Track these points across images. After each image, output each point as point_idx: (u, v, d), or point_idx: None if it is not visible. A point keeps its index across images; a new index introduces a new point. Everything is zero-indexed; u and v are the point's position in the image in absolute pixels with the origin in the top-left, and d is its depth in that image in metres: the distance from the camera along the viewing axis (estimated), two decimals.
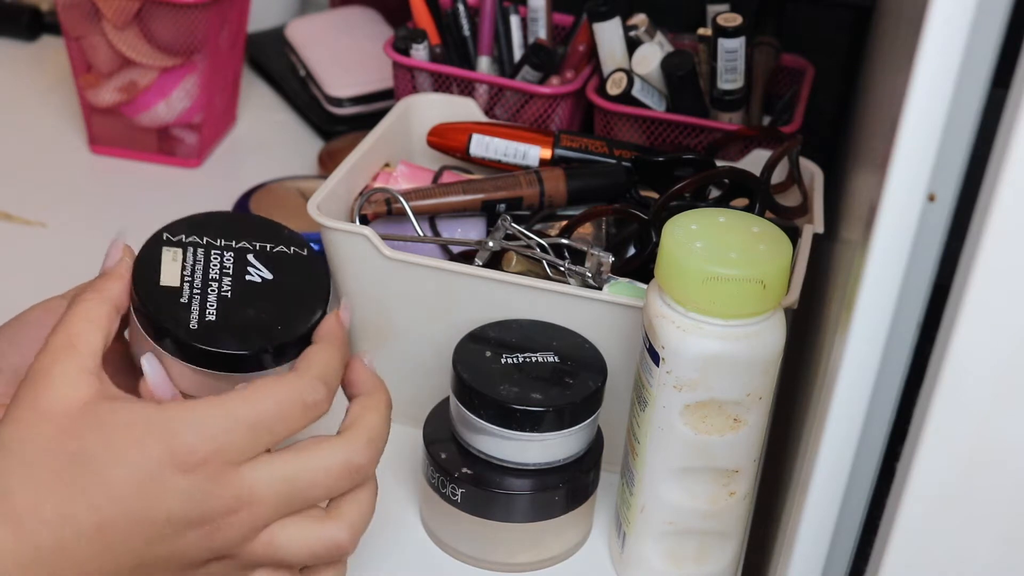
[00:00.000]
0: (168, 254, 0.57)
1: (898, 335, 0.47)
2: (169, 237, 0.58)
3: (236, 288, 0.57)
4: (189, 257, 0.57)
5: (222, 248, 0.59)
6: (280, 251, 0.60)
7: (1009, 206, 0.39)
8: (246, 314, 0.56)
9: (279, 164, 1.03)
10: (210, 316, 0.55)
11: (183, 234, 0.58)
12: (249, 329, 0.55)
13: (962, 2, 0.41)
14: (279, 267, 0.59)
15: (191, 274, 0.57)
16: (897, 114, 0.44)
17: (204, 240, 0.59)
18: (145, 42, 0.97)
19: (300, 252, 0.60)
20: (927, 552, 0.45)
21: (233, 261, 0.58)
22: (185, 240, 0.58)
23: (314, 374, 0.53)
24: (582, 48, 0.93)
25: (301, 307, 0.57)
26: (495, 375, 0.63)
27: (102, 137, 1.03)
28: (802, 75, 0.94)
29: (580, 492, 0.66)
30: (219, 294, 0.56)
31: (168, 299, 0.55)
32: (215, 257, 0.58)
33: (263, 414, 0.51)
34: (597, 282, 0.69)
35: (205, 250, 0.58)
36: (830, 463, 0.50)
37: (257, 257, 0.59)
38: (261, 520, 0.52)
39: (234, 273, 0.58)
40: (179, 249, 0.57)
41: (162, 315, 0.55)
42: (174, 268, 0.57)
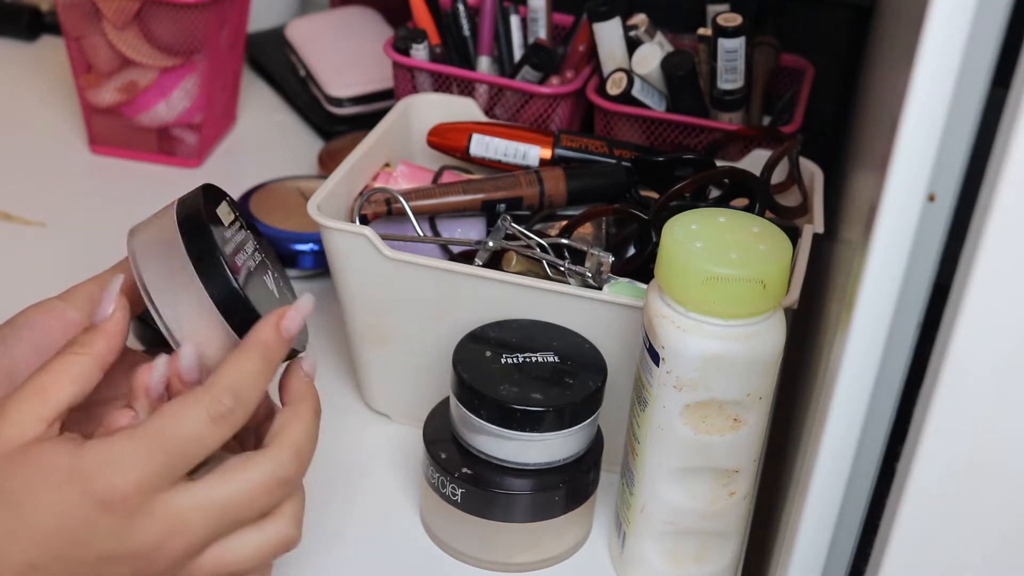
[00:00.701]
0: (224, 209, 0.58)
1: (898, 335, 0.47)
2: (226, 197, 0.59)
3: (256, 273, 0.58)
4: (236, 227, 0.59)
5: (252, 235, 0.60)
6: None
7: (1009, 206, 0.39)
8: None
9: (279, 164, 1.03)
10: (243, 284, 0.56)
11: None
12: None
13: (962, 2, 0.41)
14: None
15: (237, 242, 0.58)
16: (897, 114, 0.44)
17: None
18: (145, 42, 0.97)
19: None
20: (927, 552, 0.45)
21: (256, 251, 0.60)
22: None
23: (223, 385, 0.53)
24: (582, 48, 0.93)
25: None
26: (495, 375, 0.63)
27: (102, 137, 1.03)
28: (802, 75, 0.94)
29: (580, 492, 0.66)
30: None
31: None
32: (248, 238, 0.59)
33: (174, 439, 0.51)
34: (597, 282, 0.69)
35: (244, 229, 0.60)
36: (830, 463, 0.50)
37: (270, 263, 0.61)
38: (196, 546, 0.52)
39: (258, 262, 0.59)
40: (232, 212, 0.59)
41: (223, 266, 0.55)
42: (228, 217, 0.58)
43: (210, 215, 0.57)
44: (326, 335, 0.82)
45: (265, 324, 0.55)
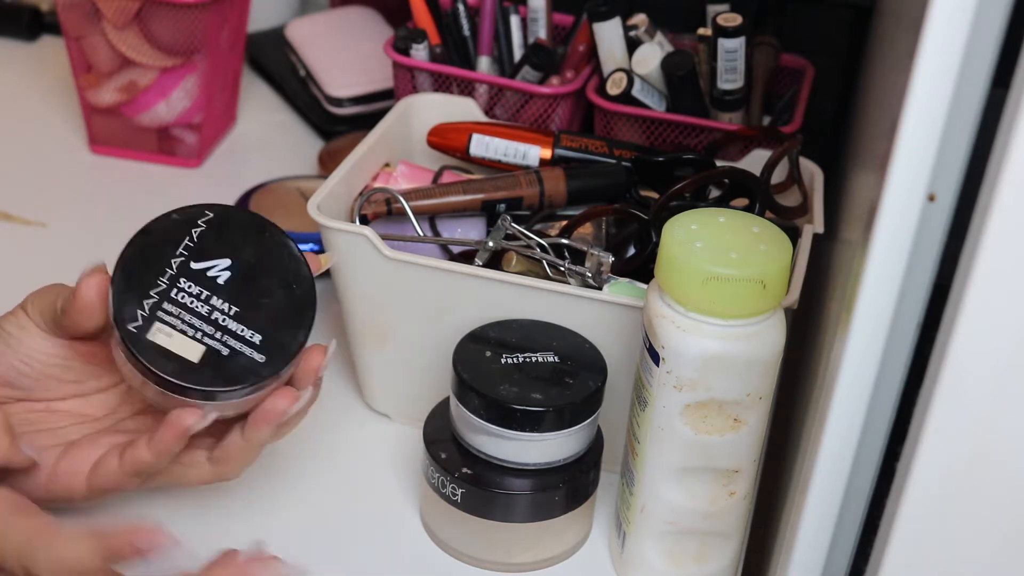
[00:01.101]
0: (161, 335, 0.56)
1: (898, 335, 0.47)
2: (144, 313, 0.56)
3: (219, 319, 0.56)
4: (173, 321, 0.56)
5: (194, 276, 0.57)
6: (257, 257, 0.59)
7: (1009, 206, 0.39)
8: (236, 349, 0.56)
9: (279, 164, 1.03)
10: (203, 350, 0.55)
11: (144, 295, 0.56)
12: (238, 366, 0.55)
13: (962, 2, 0.41)
14: (258, 277, 0.58)
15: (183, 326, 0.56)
16: (897, 114, 0.44)
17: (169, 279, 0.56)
18: (145, 42, 0.97)
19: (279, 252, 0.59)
20: (927, 552, 0.45)
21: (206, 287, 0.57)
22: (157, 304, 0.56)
23: None
24: (582, 48, 0.93)
25: (284, 329, 0.57)
26: (495, 375, 0.63)
27: (102, 137, 1.03)
28: (802, 75, 0.94)
29: (580, 492, 0.66)
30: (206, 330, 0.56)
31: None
32: (188, 294, 0.56)
33: None
34: (597, 282, 0.69)
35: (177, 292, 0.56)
36: (830, 463, 0.50)
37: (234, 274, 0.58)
38: None
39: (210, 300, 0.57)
40: (165, 325, 0.56)
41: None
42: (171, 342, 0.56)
43: (148, 252, 0.56)
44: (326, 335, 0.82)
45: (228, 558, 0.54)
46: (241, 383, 0.55)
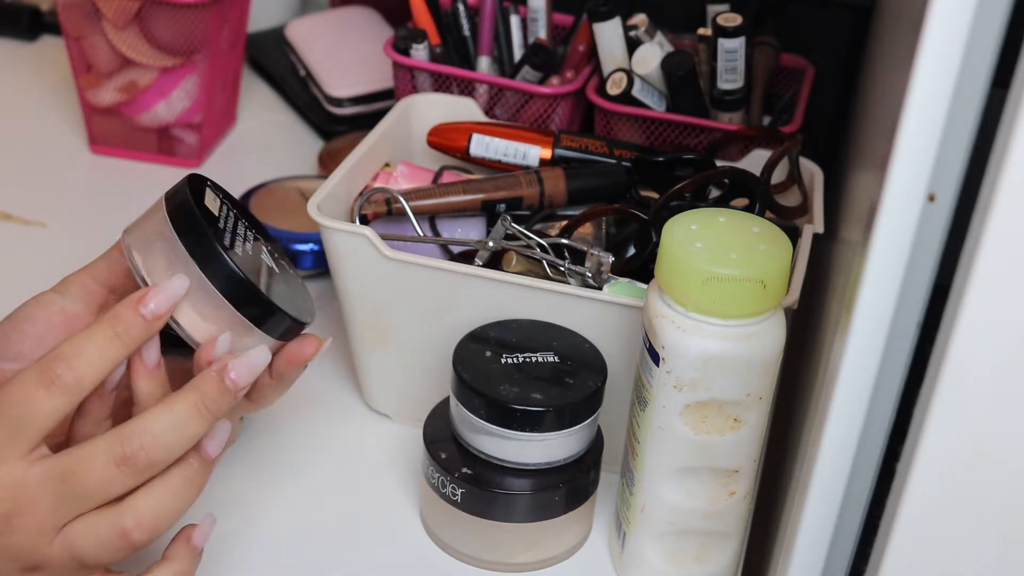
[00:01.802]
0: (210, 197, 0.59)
1: (898, 335, 0.47)
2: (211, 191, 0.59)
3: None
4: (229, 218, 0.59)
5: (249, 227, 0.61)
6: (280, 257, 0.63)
7: (1009, 206, 0.39)
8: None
9: (279, 164, 1.03)
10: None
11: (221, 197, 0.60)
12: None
13: (962, 2, 0.41)
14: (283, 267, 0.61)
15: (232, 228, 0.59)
16: (897, 114, 0.44)
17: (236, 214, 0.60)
18: (145, 42, 0.97)
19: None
20: (927, 552, 0.45)
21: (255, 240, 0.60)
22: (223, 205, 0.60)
23: (54, 353, 0.53)
24: (582, 48, 0.93)
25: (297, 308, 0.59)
26: (495, 375, 0.63)
27: (102, 137, 1.03)
28: (802, 75, 0.94)
29: (580, 492, 0.66)
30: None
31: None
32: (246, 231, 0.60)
33: (8, 408, 0.52)
34: (597, 282, 0.69)
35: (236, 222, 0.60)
36: (830, 463, 0.50)
37: (272, 250, 0.62)
38: (46, 521, 0.53)
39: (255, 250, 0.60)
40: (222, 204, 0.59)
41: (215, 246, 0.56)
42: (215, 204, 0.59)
43: (198, 204, 0.57)
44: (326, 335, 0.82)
45: (122, 305, 0.54)
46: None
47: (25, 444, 0.52)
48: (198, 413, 0.54)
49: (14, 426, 0.52)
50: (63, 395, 0.53)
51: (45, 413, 0.52)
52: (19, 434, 0.52)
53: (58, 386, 0.52)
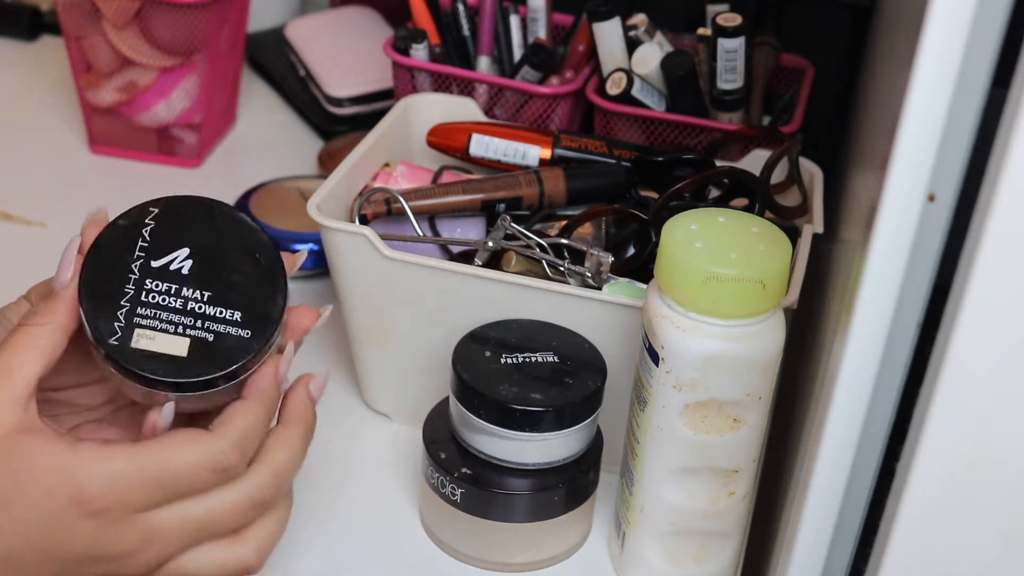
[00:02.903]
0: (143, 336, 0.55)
1: (898, 335, 0.47)
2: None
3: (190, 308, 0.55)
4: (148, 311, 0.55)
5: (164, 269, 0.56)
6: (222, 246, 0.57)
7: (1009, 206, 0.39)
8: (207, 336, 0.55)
9: (279, 164, 1.03)
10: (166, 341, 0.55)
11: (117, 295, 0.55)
12: (227, 346, 0.55)
13: (962, 2, 0.41)
14: (222, 265, 0.57)
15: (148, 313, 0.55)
16: (897, 114, 0.44)
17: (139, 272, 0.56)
18: (145, 42, 0.97)
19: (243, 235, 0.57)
20: (927, 552, 0.45)
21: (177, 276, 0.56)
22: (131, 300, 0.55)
23: (232, 440, 0.53)
24: (582, 48, 0.93)
25: (260, 298, 0.56)
26: (495, 375, 0.63)
27: (102, 137, 1.03)
28: (802, 75, 0.94)
29: (580, 492, 0.66)
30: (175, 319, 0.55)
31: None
32: (159, 286, 0.55)
33: (173, 473, 0.52)
34: (597, 282, 0.69)
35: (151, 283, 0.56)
36: (830, 463, 0.50)
37: (197, 261, 0.56)
38: (167, 555, 0.54)
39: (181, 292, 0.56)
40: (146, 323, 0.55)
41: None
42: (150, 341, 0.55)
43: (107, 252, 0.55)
44: (326, 335, 0.82)
45: (266, 375, 0.56)
46: (235, 362, 0.54)
47: (172, 501, 0.53)
48: (308, 442, 0.57)
49: (172, 491, 0.53)
50: (228, 480, 0.54)
51: (203, 489, 0.54)
52: (173, 496, 0.53)
53: (228, 475, 0.54)
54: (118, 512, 0.52)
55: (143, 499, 0.52)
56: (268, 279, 0.56)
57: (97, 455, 0.52)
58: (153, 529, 0.53)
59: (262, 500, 0.55)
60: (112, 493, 0.52)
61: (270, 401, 0.56)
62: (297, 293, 0.88)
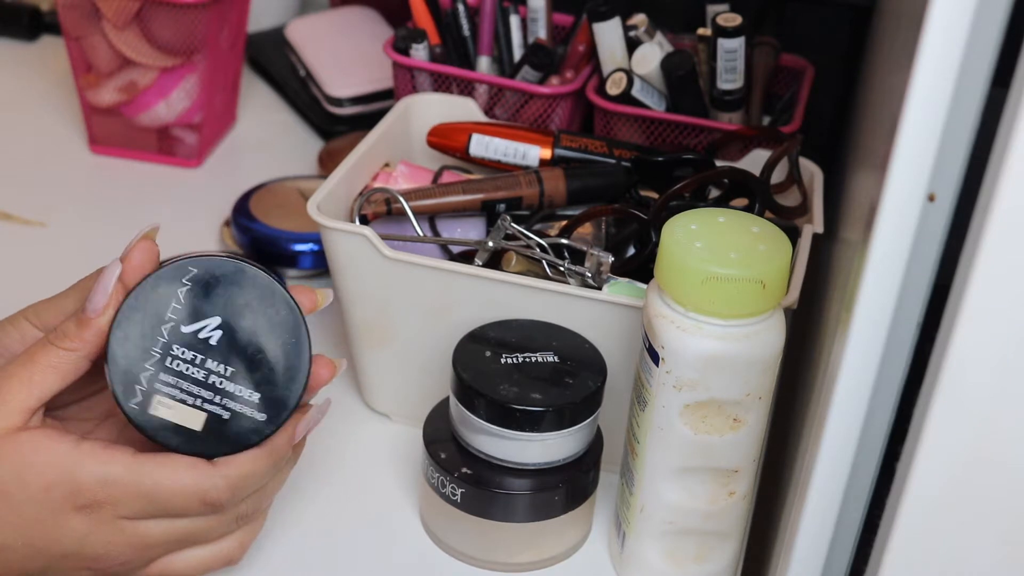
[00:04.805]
0: (162, 407, 0.55)
1: (898, 335, 0.47)
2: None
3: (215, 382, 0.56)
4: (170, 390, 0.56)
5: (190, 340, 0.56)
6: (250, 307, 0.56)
7: (1009, 206, 0.39)
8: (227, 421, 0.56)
9: (279, 164, 1.03)
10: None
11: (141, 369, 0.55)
12: (240, 427, 0.56)
13: (962, 2, 0.41)
14: (251, 330, 0.56)
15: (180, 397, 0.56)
16: (897, 114, 0.44)
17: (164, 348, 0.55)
18: (145, 42, 0.97)
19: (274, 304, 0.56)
20: (927, 552, 0.45)
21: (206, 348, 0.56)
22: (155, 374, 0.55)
23: (229, 479, 0.55)
24: (582, 48, 0.93)
25: (282, 380, 0.56)
26: (495, 375, 0.63)
27: (102, 137, 1.03)
28: (802, 75, 0.94)
29: (580, 492, 0.66)
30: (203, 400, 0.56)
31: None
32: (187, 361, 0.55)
33: (164, 493, 0.54)
34: (597, 282, 0.69)
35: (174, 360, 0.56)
36: (830, 463, 0.50)
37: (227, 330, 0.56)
38: (151, 559, 0.56)
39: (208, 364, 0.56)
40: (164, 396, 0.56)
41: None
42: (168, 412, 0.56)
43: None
44: (326, 335, 0.82)
45: (281, 433, 0.57)
46: (245, 445, 0.56)
47: (154, 517, 0.55)
48: (291, 466, 0.60)
49: (160, 508, 0.54)
50: (214, 515, 0.56)
51: (190, 515, 0.55)
52: (158, 513, 0.55)
53: (213, 509, 0.55)
54: (108, 512, 0.54)
55: (133, 508, 0.54)
56: (291, 363, 0.56)
57: (98, 456, 0.54)
58: (139, 536, 0.55)
59: (245, 515, 0.57)
60: (104, 493, 0.53)
61: (279, 457, 0.57)
62: None
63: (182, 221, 0.95)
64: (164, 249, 0.57)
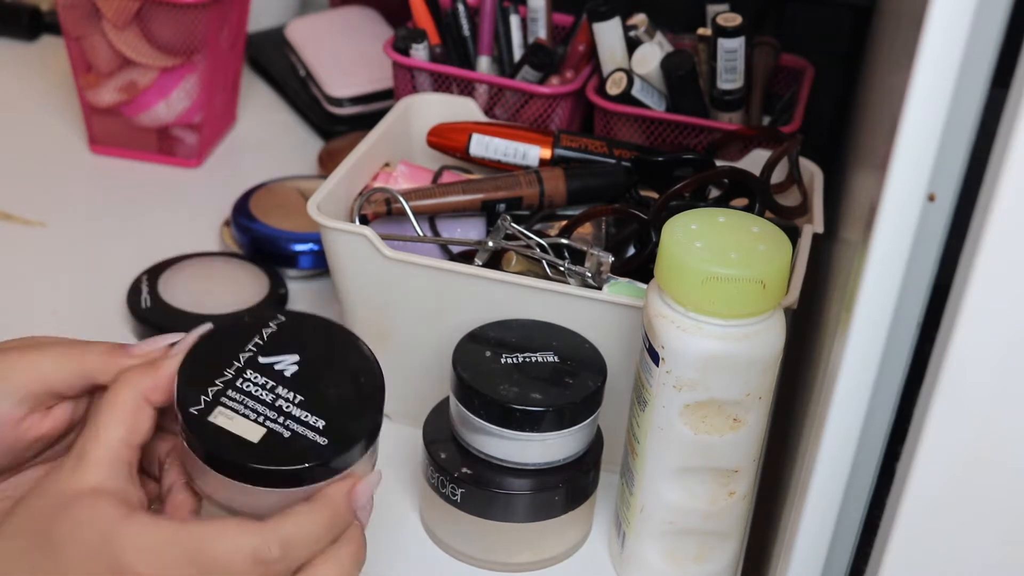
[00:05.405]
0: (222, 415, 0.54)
1: (898, 335, 0.47)
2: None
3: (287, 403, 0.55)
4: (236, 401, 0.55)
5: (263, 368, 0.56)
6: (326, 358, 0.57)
7: (1009, 206, 0.39)
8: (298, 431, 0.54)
9: (279, 164, 1.03)
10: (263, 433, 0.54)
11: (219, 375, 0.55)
12: (299, 446, 0.53)
13: (962, 2, 0.41)
14: (324, 375, 0.56)
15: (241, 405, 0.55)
16: (897, 114, 0.44)
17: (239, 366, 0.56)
18: (145, 42, 0.97)
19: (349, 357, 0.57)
20: (927, 552, 0.45)
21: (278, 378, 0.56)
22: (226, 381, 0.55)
23: (280, 535, 0.52)
24: (582, 48, 0.93)
25: (349, 416, 0.55)
26: (495, 375, 0.63)
27: (102, 137, 1.03)
28: (802, 75, 0.94)
29: (580, 492, 0.66)
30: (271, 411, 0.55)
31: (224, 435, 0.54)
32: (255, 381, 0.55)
33: (211, 558, 0.51)
34: (597, 282, 0.69)
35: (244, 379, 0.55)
36: (830, 463, 0.50)
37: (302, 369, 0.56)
38: None
39: (278, 390, 0.55)
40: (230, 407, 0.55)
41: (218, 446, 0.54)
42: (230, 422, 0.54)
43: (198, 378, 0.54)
44: None
45: (339, 486, 0.54)
46: (300, 462, 0.53)
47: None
48: (359, 565, 0.55)
49: (205, 572, 0.51)
50: (266, 574, 0.52)
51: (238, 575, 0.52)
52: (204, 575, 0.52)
53: (268, 569, 0.52)
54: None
55: (177, 575, 0.51)
56: (363, 401, 0.55)
57: (145, 529, 0.51)
58: None
59: (263, 558, 0.52)
60: (147, 569, 0.51)
61: (335, 512, 0.53)
62: (297, 293, 0.88)
63: (182, 221, 0.95)
64: (164, 249, 0.57)
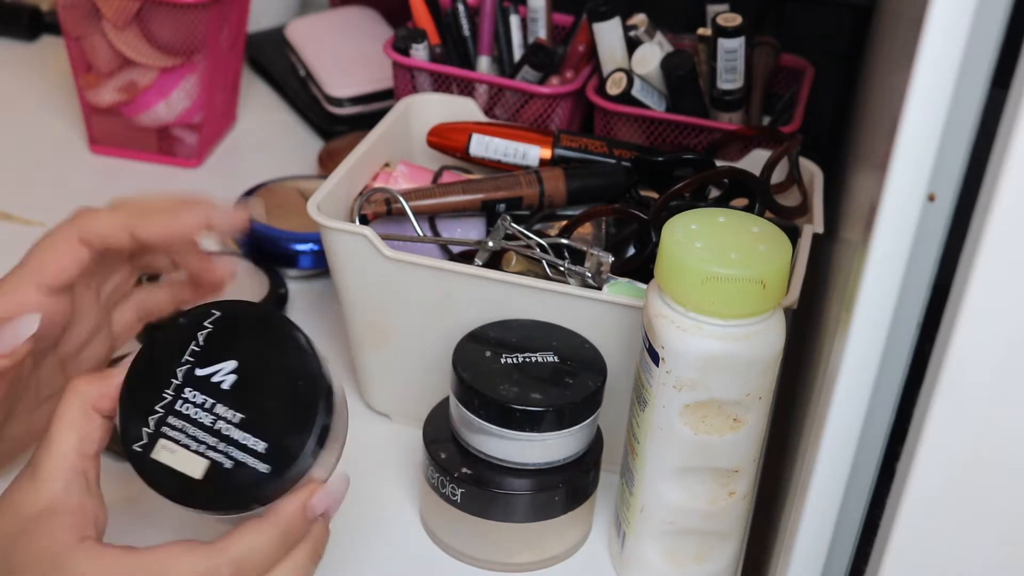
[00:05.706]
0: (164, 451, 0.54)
1: (898, 335, 0.47)
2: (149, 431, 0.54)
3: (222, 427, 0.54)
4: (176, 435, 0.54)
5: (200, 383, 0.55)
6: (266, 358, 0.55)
7: (1009, 206, 0.39)
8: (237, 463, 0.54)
9: (279, 164, 1.03)
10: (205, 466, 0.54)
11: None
12: (242, 477, 0.53)
13: (962, 2, 0.41)
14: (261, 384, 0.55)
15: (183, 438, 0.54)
16: (897, 114, 0.44)
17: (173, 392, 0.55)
18: (145, 42, 0.97)
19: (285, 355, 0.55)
20: (927, 552, 0.45)
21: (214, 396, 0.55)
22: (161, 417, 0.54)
23: (231, 556, 0.51)
24: (582, 48, 0.93)
25: (292, 429, 0.54)
26: (495, 375, 0.63)
27: (102, 137, 1.03)
28: (802, 75, 0.94)
29: (580, 492, 0.66)
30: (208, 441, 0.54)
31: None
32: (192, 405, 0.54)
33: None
34: (597, 282, 0.69)
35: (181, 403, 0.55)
36: (830, 463, 0.50)
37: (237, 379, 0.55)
38: None
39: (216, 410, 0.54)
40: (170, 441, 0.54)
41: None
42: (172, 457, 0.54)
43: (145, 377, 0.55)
44: (326, 335, 0.82)
45: (291, 500, 0.53)
46: (244, 498, 0.53)
47: None
48: (315, 561, 0.55)
49: None
50: None
51: None
52: None
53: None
54: None
55: None
56: (305, 409, 0.54)
57: (94, 556, 0.51)
58: None
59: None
60: None
61: (287, 528, 0.53)
62: (297, 293, 0.88)
63: None
64: None
